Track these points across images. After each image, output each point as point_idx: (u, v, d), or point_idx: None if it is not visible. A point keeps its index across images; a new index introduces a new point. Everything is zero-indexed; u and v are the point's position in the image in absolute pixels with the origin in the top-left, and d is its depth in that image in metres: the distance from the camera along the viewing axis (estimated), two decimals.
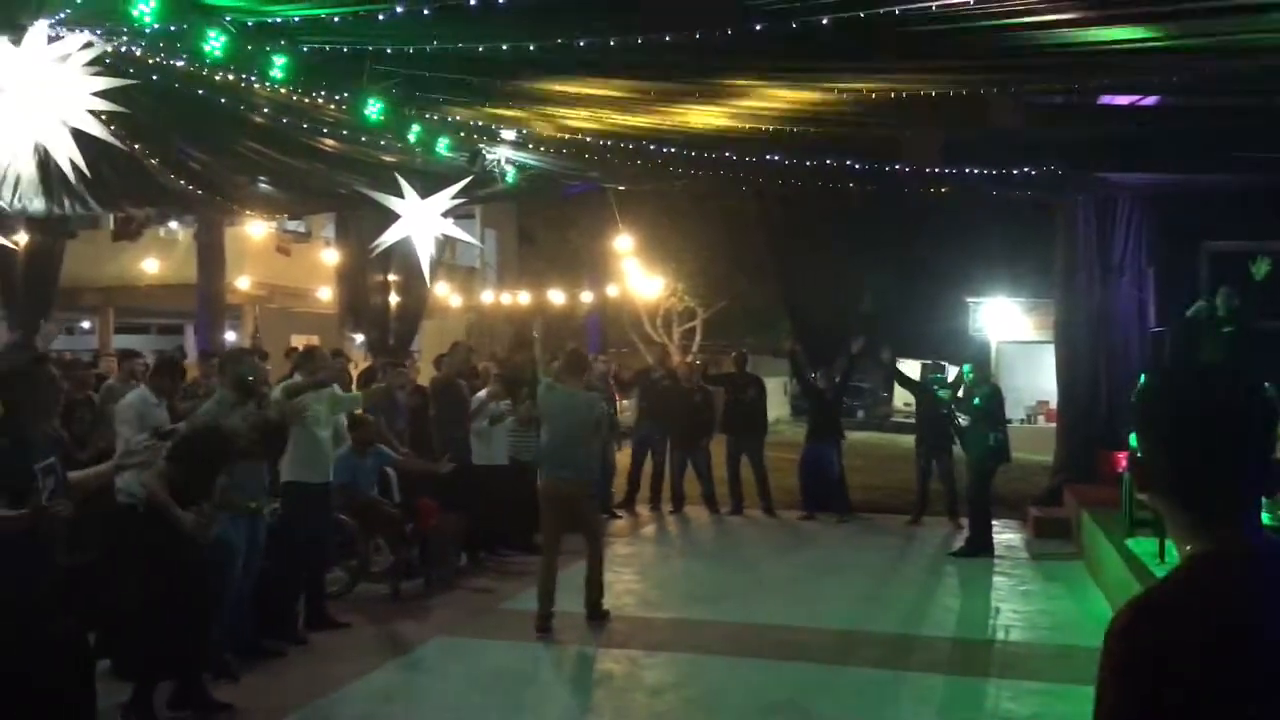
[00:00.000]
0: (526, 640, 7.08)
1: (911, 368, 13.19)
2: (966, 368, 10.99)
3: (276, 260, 21.67)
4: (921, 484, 11.71)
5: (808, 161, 8.14)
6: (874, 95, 6.29)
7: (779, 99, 6.49)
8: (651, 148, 8.08)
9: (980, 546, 9.93)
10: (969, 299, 22.76)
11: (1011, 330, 21.57)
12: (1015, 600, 8.38)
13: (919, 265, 22.62)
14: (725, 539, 11.24)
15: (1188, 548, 1.50)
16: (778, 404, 26.54)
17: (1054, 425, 13.51)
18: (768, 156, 8.11)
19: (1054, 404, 14.40)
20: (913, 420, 12.16)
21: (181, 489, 5.33)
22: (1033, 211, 14.11)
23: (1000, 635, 7.40)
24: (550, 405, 7.40)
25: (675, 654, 6.81)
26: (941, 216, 19.29)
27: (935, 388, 11.62)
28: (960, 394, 10.98)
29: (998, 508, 10.98)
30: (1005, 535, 10.86)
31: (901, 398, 26.80)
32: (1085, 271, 11.61)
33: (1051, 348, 12.78)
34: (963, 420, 10.89)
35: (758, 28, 4.89)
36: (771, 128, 7.10)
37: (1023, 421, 20.82)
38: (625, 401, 14.15)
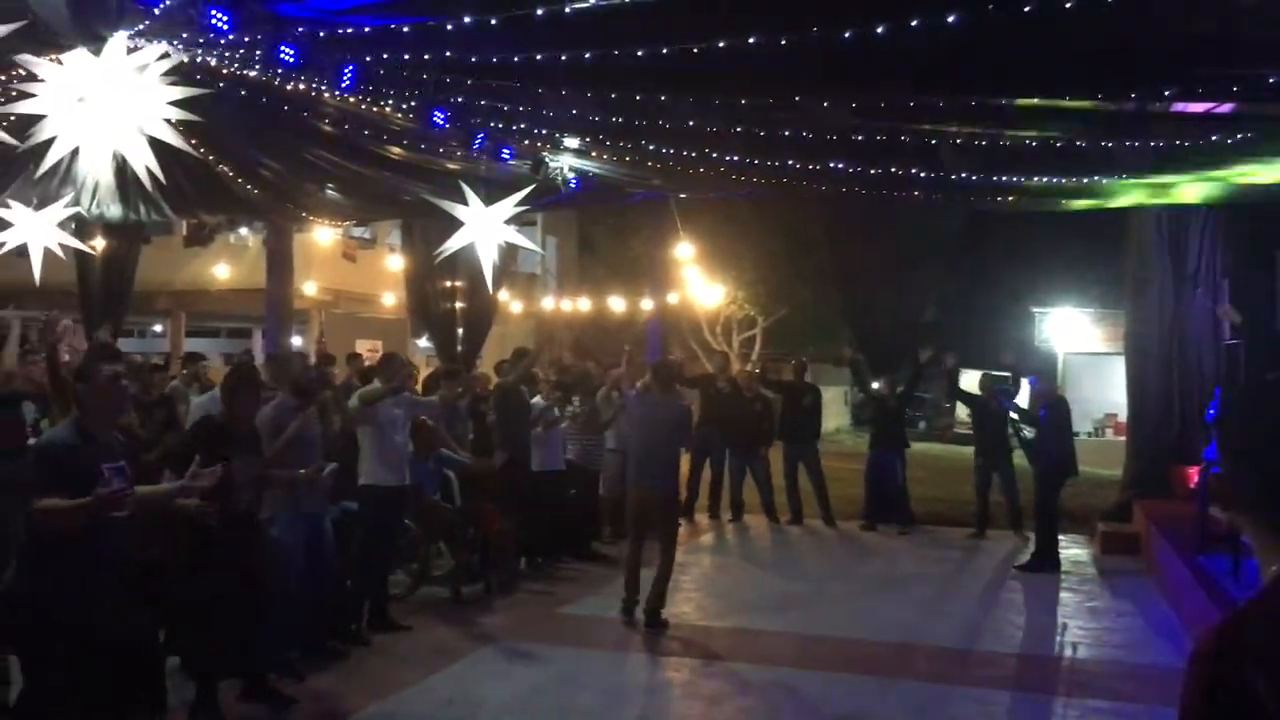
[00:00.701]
0: (585, 646, 7.11)
1: (969, 378, 12.96)
2: (1032, 379, 10.82)
3: (342, 266, 22.05)
4: (982, 497, 11.55)
5: (872, 170, 8.07)
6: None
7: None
8: (714, 156, 8.07)
9: (1046, 560, 9.75)
10: (1035, 309, 22.40)
11: (1079, 341, 21.16)
12: (1082, 616, 8.21)
13: (984, 274, 22.32)
14: (784, 549, 11.17)
15: (1273, 568, 1.45)
16: (838, 413, 26.35)
17: (1123, 439, 13.24)
18: (831, 164, 8.06)
19: (1122, 417, 14.12)
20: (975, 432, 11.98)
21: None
22: (1102, 219, 13.83)
23: (1067, 652, 7.25)
24: (638, 414, 7.70)
25: (734, 664, 6.78)
26: (1007, 224, 18.99)
27: (1002, 397, 11.42)
28: (1025, 406, 10.81)
29: (1064, 522, 10.78)
30: (1072, 550, 10.65)
31: (965, 409, 26.40)
32: (1158, 282, 11.37)
33: (1121, 359, 12.53)
34: (1028, 433, 10.70)
35: (846, 35, 4.86)
36: (835, 136, 7.07)
37: (1090, 434, 20.44)
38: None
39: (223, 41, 5.80)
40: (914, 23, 4.69)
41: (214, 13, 5.29)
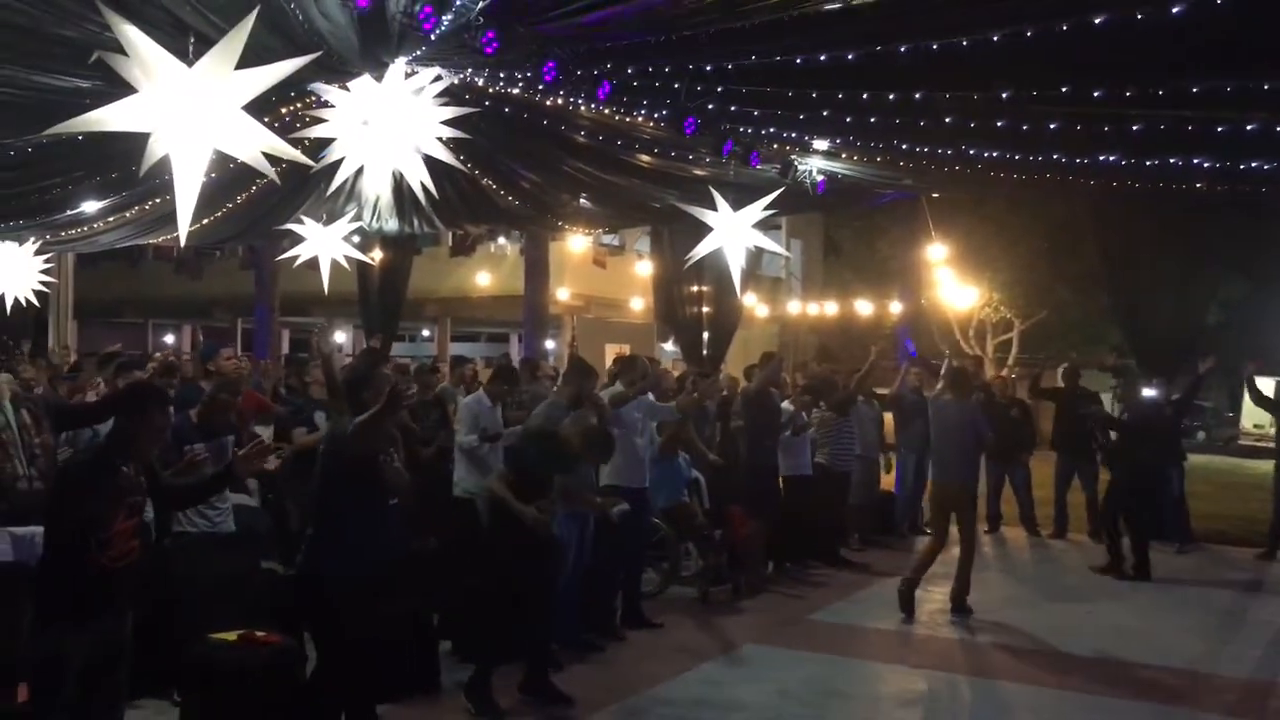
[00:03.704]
0: (836, 654, 7.01)
1: (1267, 385, 11.80)
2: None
3: (593, 272, 22.81)
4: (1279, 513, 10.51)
5: (1148, 161, 7.51)
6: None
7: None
8: (971, 152, 7.77)
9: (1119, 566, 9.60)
10: None
11: None
12: None
13: (1277, 271, 20.30)
14: (1048, 563, 10.58)
15: None
16: None
17: None
18: (1101, 157, 7.57)
19: None
20: (1269, 445, 10.90)
21: (521, 488, 5.69)
22: None
23: None
24: (937, 415, 8.34)
25: (996, 680, 6.50)
26: None
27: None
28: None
29: None
30: None
31: (1251, 418, 24.22)
32: None
33: None
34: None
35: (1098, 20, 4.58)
36: (1108, 127, 6.63)
37: None
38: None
39: (491, 62, 6.12)
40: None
41: (483, 36, 5.59)
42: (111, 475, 3.89)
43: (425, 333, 28.99)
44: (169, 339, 30.11)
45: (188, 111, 4.66)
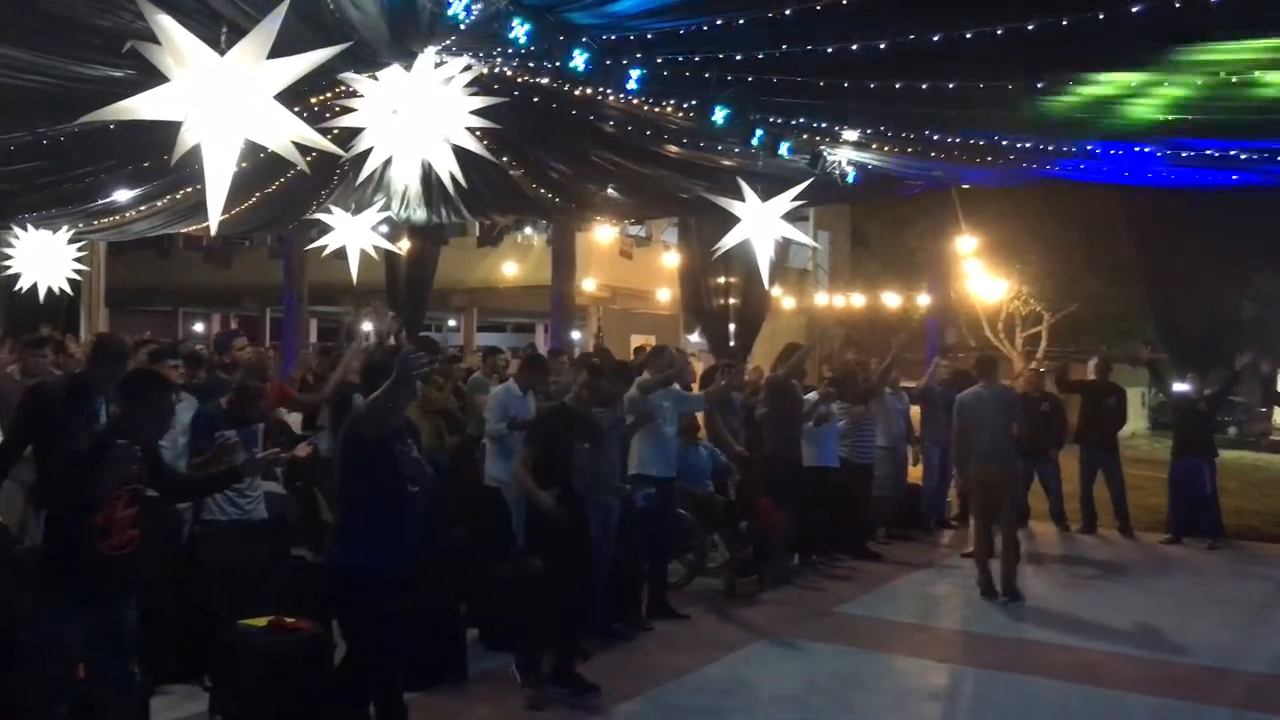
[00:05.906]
0: (862, 646, 7.00)
1: None
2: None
3: (620, 263, 22.76)
4: None
5: (1184, 152, 7.40)
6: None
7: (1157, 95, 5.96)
8: (1004, 143, 7.68)
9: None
10: None
11: None
12: None
13: None
14: (1076, 559, 10.47)
15: None
16: (1134, 416, 24.53)
17: None
18: (1136, 148, 7.47)
19: None
20: None
21: (542, 469, 5.70)
22: None
23: None
24: (975, 401, 8.36)
25: (1018, 675, 6.46)
26: None
27: None
28: None
29: None
30: None
31: None
32: None
33: None
34: None
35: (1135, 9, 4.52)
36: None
37: None
38: None
39: (521, 52, 6.11)
40: None
41: (514, 25, 5.58)
42: (110, 461, 3.84)
43: (451, 322, 29.08)
44: (199, 327, 30.36)
45: (219, 100, 4.67)
